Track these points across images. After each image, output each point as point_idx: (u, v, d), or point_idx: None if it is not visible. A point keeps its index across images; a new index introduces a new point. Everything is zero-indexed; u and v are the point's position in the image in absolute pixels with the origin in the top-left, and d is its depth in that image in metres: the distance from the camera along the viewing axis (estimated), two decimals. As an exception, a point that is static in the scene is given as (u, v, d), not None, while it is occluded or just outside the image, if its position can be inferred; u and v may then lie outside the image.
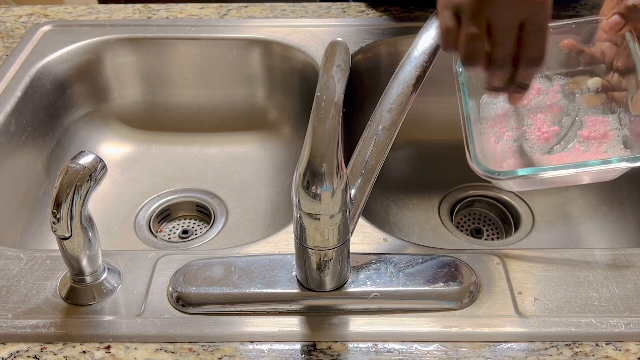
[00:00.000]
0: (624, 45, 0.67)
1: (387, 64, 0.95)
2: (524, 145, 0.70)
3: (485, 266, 0.62)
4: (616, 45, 0.69)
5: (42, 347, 0.56)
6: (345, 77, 0.52)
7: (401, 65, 0.65)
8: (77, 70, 0.95)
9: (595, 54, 0.70)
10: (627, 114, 0.67)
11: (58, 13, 1.03)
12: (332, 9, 1.03)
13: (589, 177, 0.65)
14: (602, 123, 0.69)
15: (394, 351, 0.56)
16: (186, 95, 1.00)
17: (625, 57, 0.67)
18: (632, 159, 0.61)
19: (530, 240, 0.86)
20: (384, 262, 0.61)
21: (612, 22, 0.66)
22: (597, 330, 0.57)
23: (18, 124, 0.84)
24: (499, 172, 0.62)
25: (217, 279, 0.60)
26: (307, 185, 0.50)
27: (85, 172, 0.53)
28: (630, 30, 0.66)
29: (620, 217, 0.85)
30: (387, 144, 0.61)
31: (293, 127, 0.98)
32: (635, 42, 0.66)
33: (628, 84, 0.67)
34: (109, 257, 0.63)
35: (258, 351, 0.56)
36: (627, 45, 0.66)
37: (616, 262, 0.62)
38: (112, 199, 0.92)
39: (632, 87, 0.66)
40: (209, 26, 0.98)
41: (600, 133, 0.68)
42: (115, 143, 0.99)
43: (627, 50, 0.67)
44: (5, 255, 0.64)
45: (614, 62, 0.69)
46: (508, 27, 0.57)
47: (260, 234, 0.86)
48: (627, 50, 0.67)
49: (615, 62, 0.69)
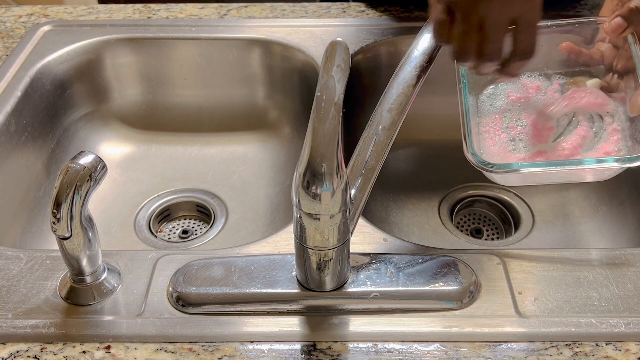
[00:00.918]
0: (625, 47, 0.67)
1: (387, 64, 0.95)
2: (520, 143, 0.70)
3: (485, 266, 0.62)
4: (616, 47, 0.69)
5: (42, 347, 0.56)
6: (345, 77, 0.52)
7: (401, 65, 0.65)
8: (77, 70, 0.95)
9: (594, 55, 0.70)
10: (625, 115, 0.67)
11: (58, 13, 1.03)
12: (332, 9, 1.03)
13: (584, 174, 0.66)
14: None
15: (394, 351, 0.56)
16: (186, 95, 1.00)
17: (626, 59, 0.67)
18: (627, 160, 0.62)
19: (530, 240, 0.86)
20: (384, 262, 0.61)
21: (615, 25, 0.66)
22: (597, 330, 0.57)
23: (18, 124, 0.84)
24: (494, 165, 0.62)
25: (217, 279, 0.60)
26: (307, 185, 0.50)
27: (85, 172, 0.53)
28: (632, 33, 0.66)
29: (620, 217, 0.85)
30: (387, 144, 0.61)
31: (293, 127, 0.98)
32: (637, 44, 0.66)
33: (626, 85, 0.67)
34: (109, 257, 0.63)
35: (258, 351, 0.56)
36: (628, 47, 0.66)
37: (616, 262, 0.62)
38: (112, 199, 0.92)
39: (630, 88, 0.66)
40: (209, 26, 0.98)
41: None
42: (115, 143, 0.99)
43: (627, 52, 0.67)
44: (5, 255, 0.64)
45: (613, 63, 0.69)
46: (500, 23, 0.59)
47: (260, 234, 0.86)
48: (627, 52, 0.67)
49: (615, 64, 0.69)
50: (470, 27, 0.59)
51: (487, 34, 0.59)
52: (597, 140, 0.68)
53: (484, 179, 0.68)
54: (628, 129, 0.67)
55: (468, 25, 0.59)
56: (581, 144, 0.67)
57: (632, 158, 0.61)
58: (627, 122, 0.67)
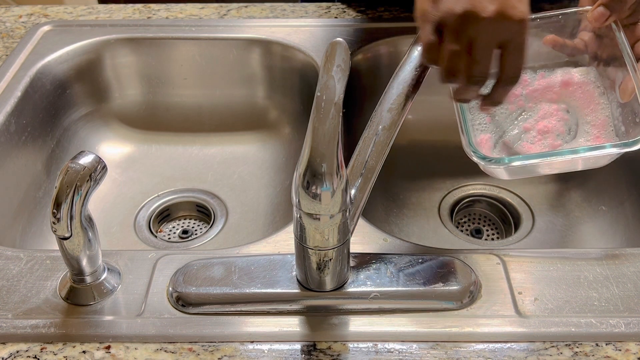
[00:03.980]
0: (610, 35, 0.67)
1: (387, 64, 0.95)
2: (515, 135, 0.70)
3: (485, 266, 0.62)
4: (599, 36, 0.69)
5: (42, 347, 0.56)
6: (345, 77, 0.52)
7: (401, 65, 0.65)
8: (77, 70, 0.95)
9: (578, 45, 0.71)
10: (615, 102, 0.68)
11: (58, 13, 1.03)
12: (332, 9, 1.03)
13: (582, 163, 0.66)
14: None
15: (394, 351, 0.56)
16: (186, 95, 1.00)
17: (611, 47, 0.68)
18: (622, 145, 0.62)
19: (530, 240, 0.86)
20: (384, 262, 0.61)
21: (597, 14, 0.67)
22: (597, 330, 0.57)
23: (18, 124, 0.84)
24: (493, 159, 0.62)
25: (217, 279, 0.60)
26: (307, 185, 0.50)
27: (85, 172, 0.53)
28: (615, 21, 0.67)
29: (620, 217, 0.85)
30: (387, 144, 0.61)
31: (293, 127, 0.98)
32: (621, 31, 0.66)
33: (614, 73, 0.68)
34: (109, 257, 0.63)
35: (258, 351, 0.56)
36: (612, 35, 0.67)
37: (616, 262, 0.62)
38: (112, 199, 0.92)
39: (618, 75, 0.67)
40: (209, 26, 0.98)
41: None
42: (115, 143, 0.99)
43: (612, 41, 0.67)
44: (5, 255, 0.64)
45: (597, 52, 0.69)
46: (489, 46, 0.58)
47: (260, 234, 0.86)
48: (612, 41, 0.67)
49: (600, 52, 0.69)
50: (460, 48, 0.58)
51: (476, 55, 0.58)
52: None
53: (484, 179, 0.68)
54: (620, 115, 0.67)
55: (458, 45, 0.58)
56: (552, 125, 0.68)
57: (628, 143, 0.62)
58: (618, 108, 0.67)
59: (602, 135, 0.68)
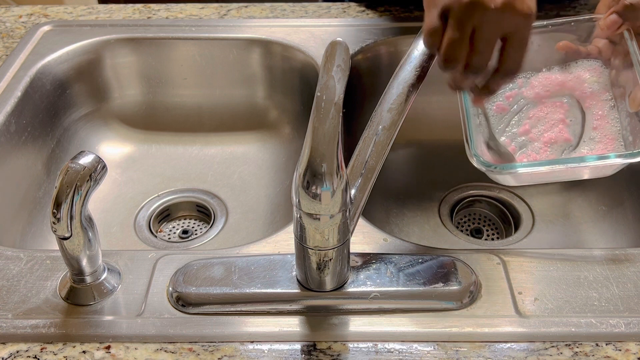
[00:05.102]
0: (622, 43, 0.67)
1: (387, 64, 0.95)
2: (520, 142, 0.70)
3: (485, 266, 0.62)
4: (613, 43, 0.69)
5: (42, 347, 0.56)
6: (345, 77, 0.52)
7: (401, 65, 0.65)
8: (77, 70, 0.95)
9: (591, 51, 0.70)
10: (625, 111, 0.67)
11: (58, 13, 1.03)
12: (332, 9, 1.03)
13: (588, 172, 0.66)
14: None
15: (394, 351, 0.56)
16: (186, 95, 1.00)
17: (623, 55, 0.68)
18: (629, 155, 0.62)
19: (530, 240, 0.86)
20: (384, 262, 0.61)
21: (610, 21, 0.66)
22: (597, 330, 0.57)
23: (18, 124, 0.84)
24: (497, 166, 0.62)
25: (217, 279, 0.60)
26: (307, 185, 0.50)
27: (85, 172, 0.53)
28: (628, 29, 0.67)
29: (620, 217, 0.85)
30: (387, 144, 0.61)
31: (293, 127, 0.98)
32: (634, 40, 0.66)
33: (625, 81, 0.68)
34: (109, 257, 0.63)
35: (258, 351, 0.56)
36: (625, 43, 0.66)
37: (616, 262, 0.62)
38: (112, 199, 0.92)
39: (629, 84, 0.67)
40: (209, 26, 0.98)
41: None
42: (115, 143, 0.99)
43: (624, 48, 0.67)
44: (5, 255, 0.64)
45: (611, 59, 0.69)
46: (492, 36, 0.58)
47: (260, 234, 0.86)
48: (624, 48, 0.67)
49: (612, 60, 0.69)
50: (462, 36, 0.58)
51: (478, 45, 0.58)
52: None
53: (484, 179, 0.68)
54: (628, 125, 0.67)
55: (460, 33, 0.58)
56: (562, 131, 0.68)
57: (634, 153, 0.61)
58: (627, 117, 0.67)
59: (609, 145, 0.67)
